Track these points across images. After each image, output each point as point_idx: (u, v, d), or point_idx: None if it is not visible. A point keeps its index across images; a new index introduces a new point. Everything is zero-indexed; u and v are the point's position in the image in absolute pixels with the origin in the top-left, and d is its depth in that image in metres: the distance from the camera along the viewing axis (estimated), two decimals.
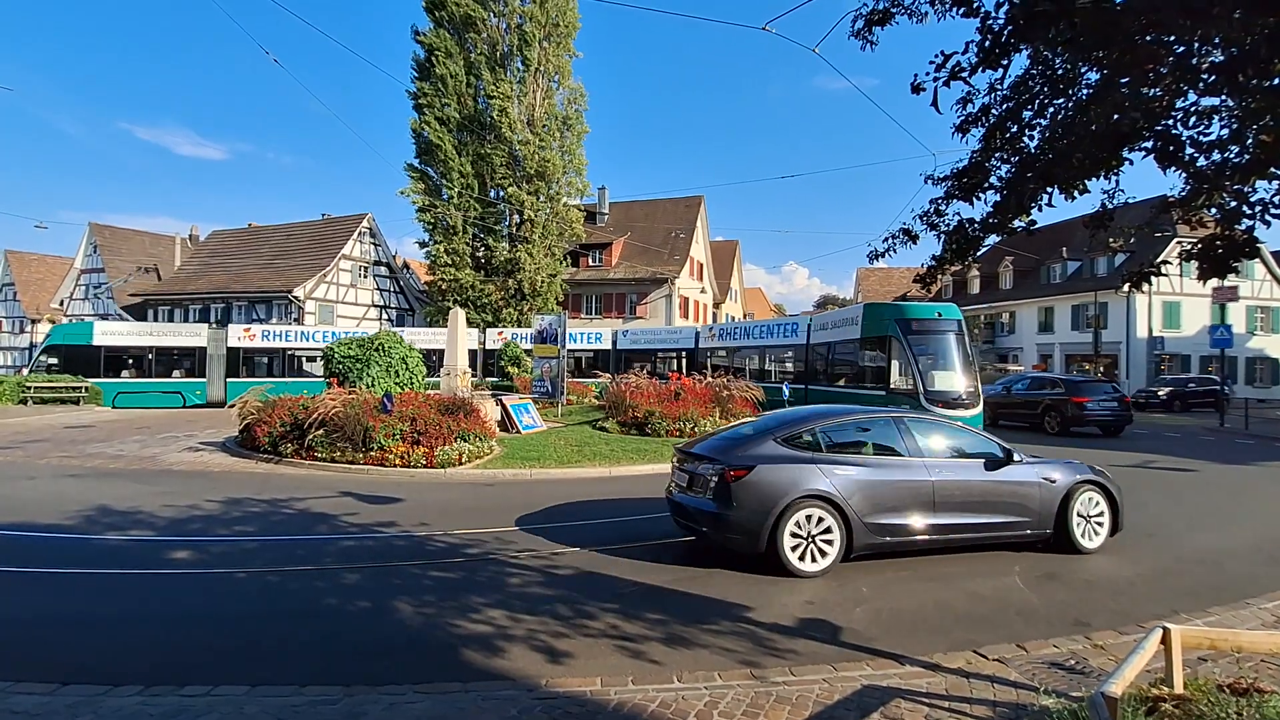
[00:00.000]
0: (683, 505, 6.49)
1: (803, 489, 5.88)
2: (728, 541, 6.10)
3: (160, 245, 47.37)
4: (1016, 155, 4.12)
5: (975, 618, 5.03)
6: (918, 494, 6.19)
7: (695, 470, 6.34)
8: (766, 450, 6.15)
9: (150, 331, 27.11)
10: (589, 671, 4.04)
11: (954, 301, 45.45)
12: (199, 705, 3.57)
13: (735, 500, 5.89)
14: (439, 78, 32.34)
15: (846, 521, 5.91)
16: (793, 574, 5.80)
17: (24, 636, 4.67)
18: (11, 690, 3.72)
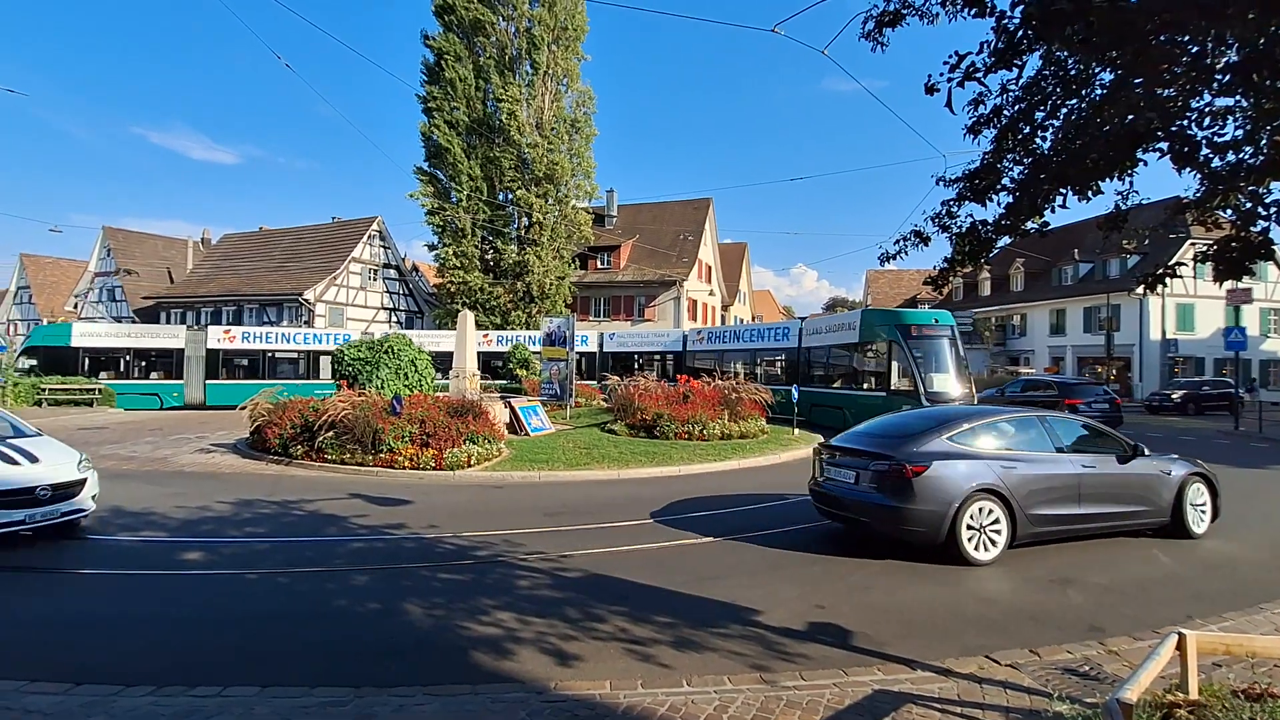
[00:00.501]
0: (839, 497, 6.91)
1: (975, 484, 6.30)
2: (904, 533, 6.42)
3: (173, 248, 47.81)
4: (1029, 156, 4.09)
5: (987, 622, 4.98)
6: (1068, 486, 6.72)
7: (864, 466, 6.68)
8: (938, 447, 6.52)
9: (129, 333, 26.88)
10: (598, 674, 4.04)
11: (965, 303, 45.53)
12: (210, 706, 3.59)
13: (917, 494, 6.24)
14: (448, 81, 32.51)
15: (1012, 513, 6.38)
16: (969, 563, 6.23)
17: (38, 637, 4.71)
18: (26, 690, 3.75)
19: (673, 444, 14.30)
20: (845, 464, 6.93)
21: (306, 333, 28.53)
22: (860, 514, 6.72)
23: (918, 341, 16.29)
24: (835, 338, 19.31)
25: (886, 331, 16.89)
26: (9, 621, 5.01)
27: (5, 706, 3.55)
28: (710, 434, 14.84)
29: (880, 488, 6.45)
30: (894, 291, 65.65)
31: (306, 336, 27.64)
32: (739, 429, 15.30)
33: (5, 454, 7.03)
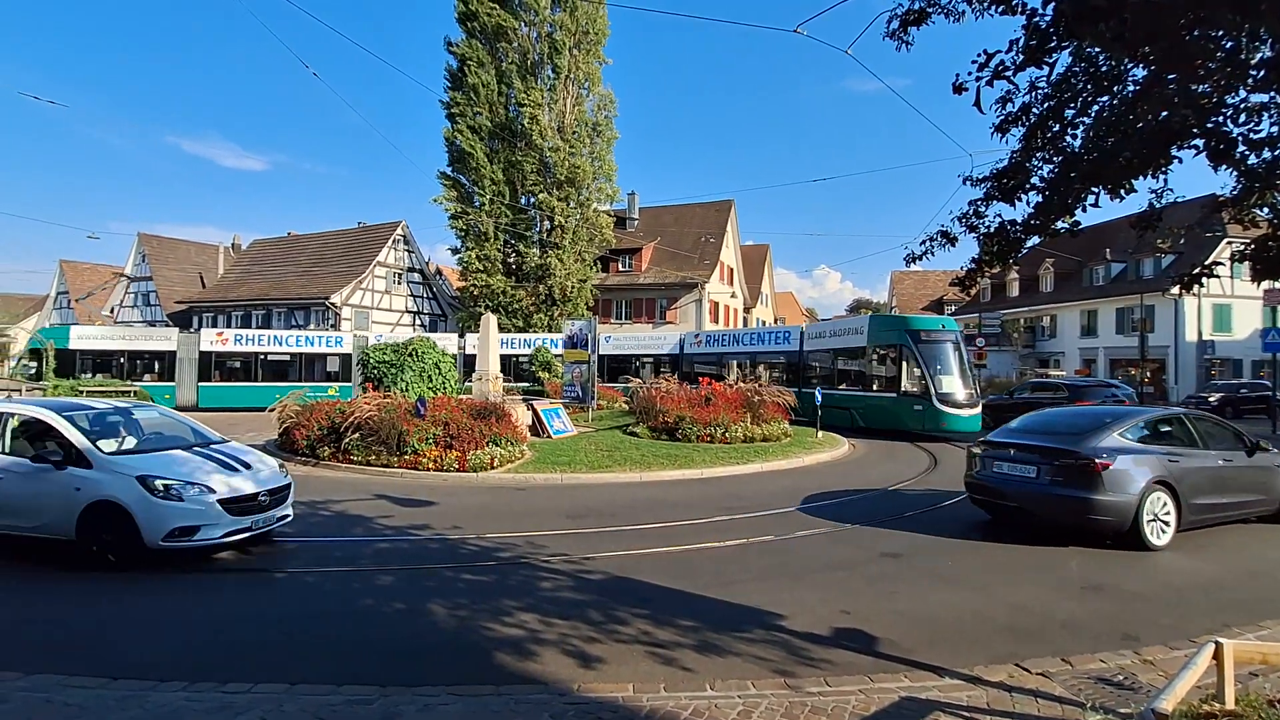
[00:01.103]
0: (1005, 490, 7.48)
1: (1152, 476, 6.91)
2: (1089, 523, 6.89)
3: (205, 254, 48.92)
4: (1059, 155, 4.01)
5: (1018, 630, 4.89)
6: (1214, 477, 7.41)
7: (1046, 460, 7.15)
8: (1115, 444, 7.08)
9: (123, 335, 27.60)
10: (621, 677, 4.03)
11: (993, 304, 44.82)
12: (240, 702, 3.66)
13: (1105, 486, 6.75)
14: (471, 87, 32.86)
15: (1178, 503, 7.00)
16: (1148, 548, 6.79)
17: (77, 634, 4.85)
18: (65, 684, 3.86)
19: (695, 446, 14.26)
20: (1021, 459, 7.45)
21: (299, 335, 28.79)
22: (1037, 505, 7.22)
23: (927, 346, 16.97)
24: (840, 342, 20.13)
25: (896, 336, 17.57)
26: (44, 620, 5.16)
27: (46, 699, 3.65)
28: (733, 436, 14.77)
29: (1067, 481, 6.94)
30: (919, 293, 64.78)
31: (299, 339, 27.95)
32: (762, 431, 15.21)
33: (224, 460, 6.92)
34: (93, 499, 6.18)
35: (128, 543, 6.15)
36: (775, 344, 23.47)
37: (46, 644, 4.59)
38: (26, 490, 6.38)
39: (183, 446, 7.17)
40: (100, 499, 6.17)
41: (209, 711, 3.55)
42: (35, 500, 6.38)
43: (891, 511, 8.79)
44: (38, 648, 4.51)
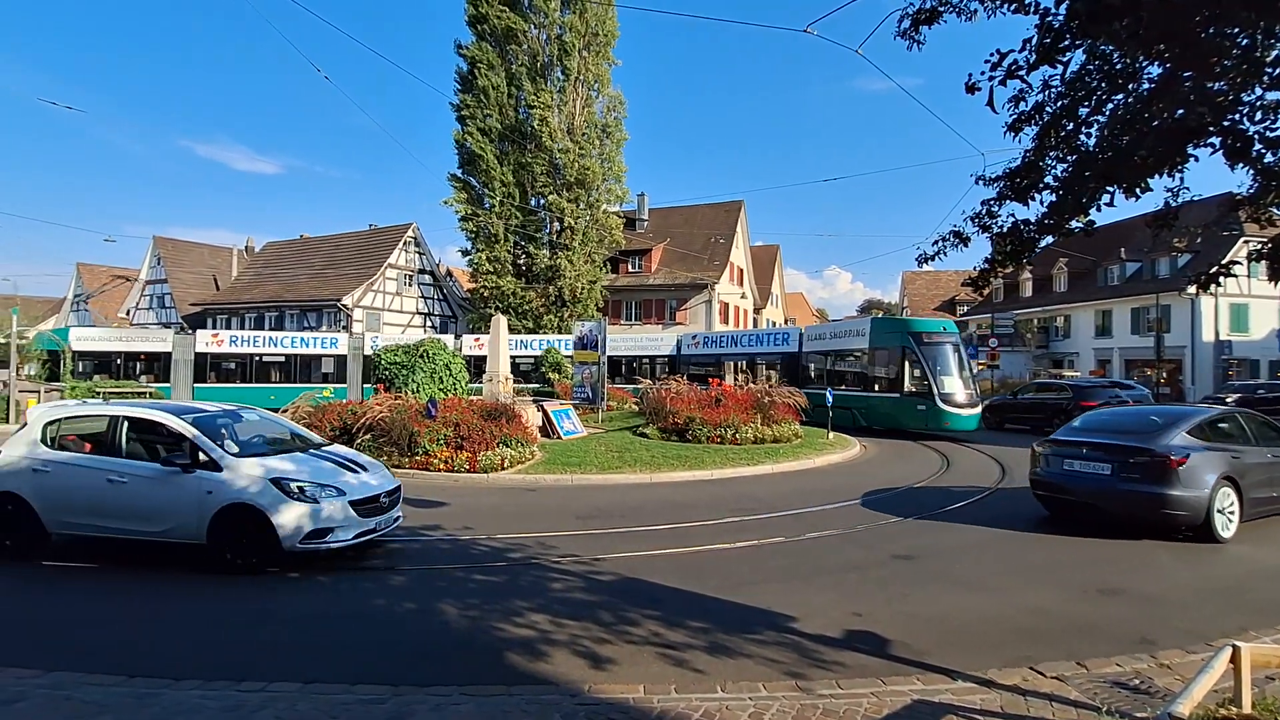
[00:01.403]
0: (1072, 486, 7.81)
1: (1220, 472, 7.23)
2: (1163, 518, 7.17)
3: (219, 257, 49.43)
4: (1073, 153, 3.97)
5: (1032, 633, 4.85)
6: (1269, 472, 7.81)
7: (1119, 458, 7.47)
8: (1184, 441, 7.39)
9: (120, 337, 27.90)
10: (632, 678, 4.04)
11: (1006, 305, 44.48)
12: (254, 700, 3.69)
13: (1181, 482, 7.07)
14: (481, 89, 32.99)
15: (1241, 497, 7.35)
16: (1216, 540, 7.09)
17: (96, 632, 4.92)
18: (84, 681, 3.92)
19: (705, 448, 14.25)
20: (1093, 456, 7.73)
21: (294, 336, 28.95)
22: (1109, 502, 7.53)
23: (929, 348, 17.53)
24: (842, 343, 20.69)
25: (899, 339, 18.12)
26: (60, 619, 5.23)
27: (66, 696, 3.71)
28: (743, 438, 14.74)
29: (1143, 478, 7.25)
30: (931, 293, 64.37)
31: (294, 340, 28.15)
32: (772, 433, 15.16)
33: (342, 462, 6.93)
34: (226, 502, 6.10)
35: (264, 547, 6.10)
36: (774, 345, 24.00)
37: (51, 641, 4.65)
38: (154, 495, 6.26)
39: (297, 449, 7.13)
40: (234, 502, 6.10)
41: (225, 709, 3.59)
42: (164, 505, 6.26)
43: (905, 513, 8.74)
44: (60, 647, 4.57)
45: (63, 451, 6.60)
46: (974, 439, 17.12)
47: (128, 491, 6.28)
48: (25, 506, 6.47)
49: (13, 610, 5.44)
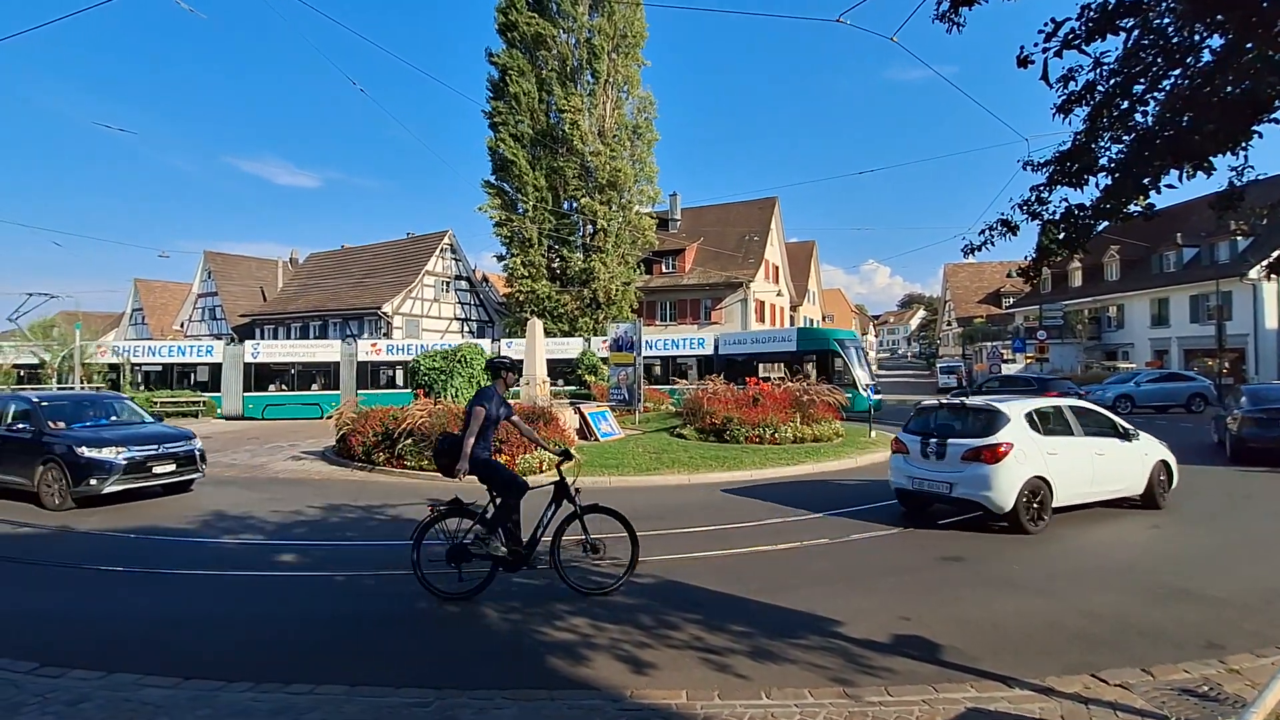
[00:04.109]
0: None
1: None
2: None
3: (265, 269, 51.06)
4: (1129, 133, 3.76)
5: (1092, 638, 4.62)
6: None
7: None
8: None
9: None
10: (674, 684, 3.97)
11: (1054, 295, 43.12)
12: (303, 703, 3.75)
13: None
14: (512, 96, 33.35)
15: None
16: None
17: (151, 633, 5.06)
18: (140, 683, 4.03)
19: (744, 448, 14.09)
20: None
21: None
22: None
23: (849, 350, 23.83)
24: (778, 346, 26.11)
25: (825, 344, 24.54)
26: (126, 617, 5.41)
27: (124, 698, 3.82)
28: (782, 437, 14.53)
29: None
30: (975, 285, 62.69)
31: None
32: (812, 432, 14.92)
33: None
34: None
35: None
36: (693, 349, 27.99)
37: (115, 641, 4.81)
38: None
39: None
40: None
41: (275, 711, 3.65)
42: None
43: (952, 513, 8.47)
44: (111, 644, 4.72)
45: None
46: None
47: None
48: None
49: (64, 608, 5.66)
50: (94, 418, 10.70)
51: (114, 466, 9.41)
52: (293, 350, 29.18)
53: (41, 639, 4.83)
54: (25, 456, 9.73)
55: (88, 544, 7.72)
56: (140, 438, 10.13)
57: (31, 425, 9.92)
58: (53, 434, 9.72)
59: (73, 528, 8.42)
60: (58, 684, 3.99)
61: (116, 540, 7.85)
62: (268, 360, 27.75)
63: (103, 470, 9.32)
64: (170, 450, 10.20)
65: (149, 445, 10.02)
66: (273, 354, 28.28)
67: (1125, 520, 8.21)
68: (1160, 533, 7.66)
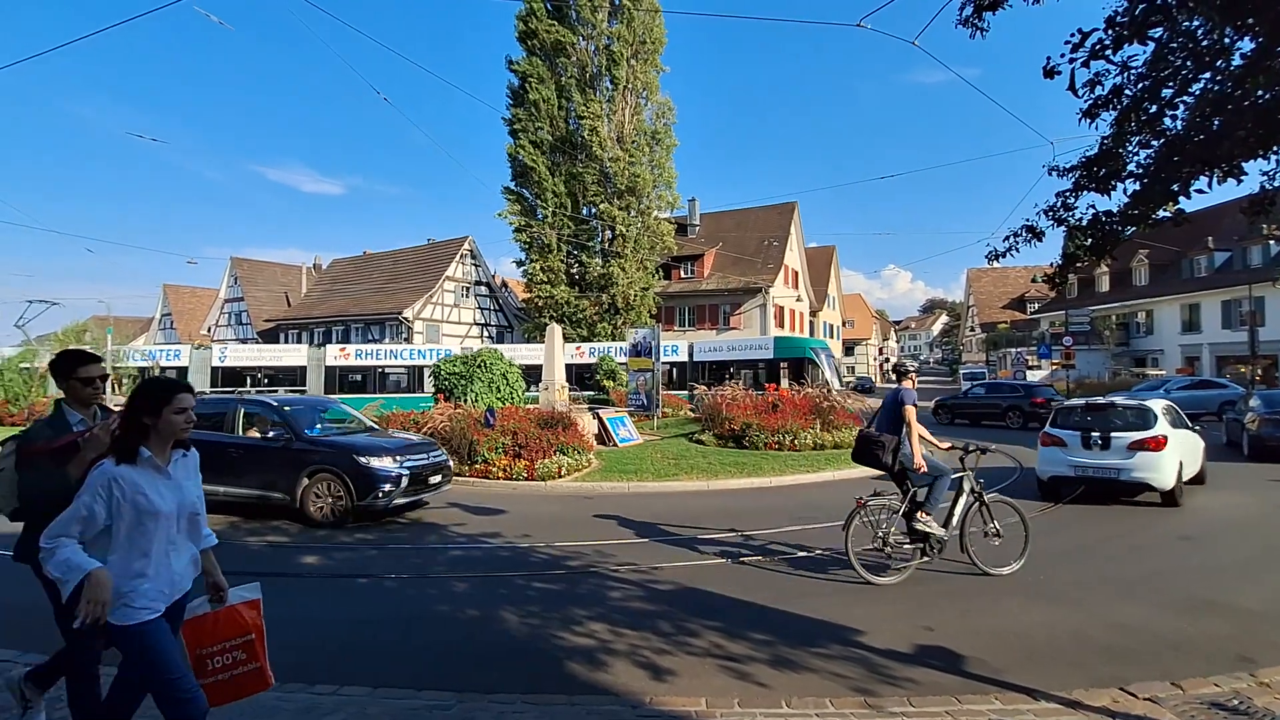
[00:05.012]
0: None
1: None
2: None
3: (289, 274, 51.93)
4: (1158, 138, 3.70)
5: (1120, 650, 4.53)
6: None
7: None
8: None
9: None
10: (693, 691, 3.96)
11: (1080, 301, 42.41)
12: (327, 704, 3.80)
13: None
14: (532, 103, 33.61)
15: None
16: None
17: None
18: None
19: (763, 454, 14.02)
20: None
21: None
22: None
23: (822, 356, 25.16)
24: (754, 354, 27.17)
25: (802, 351, 25.64)
26: None
27: None
28: (802, 444, 14.44)
29: None
30: (999, 290, 61.86)
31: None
32: (832, 439, 14.80)
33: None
34: None
35: None
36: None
37: None
38: None
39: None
40: None
41: (299, 711, 3.70)
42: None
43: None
44: None
45: None
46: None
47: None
48: None
49: None
50: (324, 423, 9.78)
51: (399, 478, 8.48)
52: (260, 354, 29.76)
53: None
54: (283, 467, 8.65)
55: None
56: (407, 446, 9.09)
57: (286, 432, 8.84)
58: (323, 443, 8.82)
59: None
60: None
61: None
62: (235, 364, 28.24)
63: (389, 482, 8.38)
64: (435, 460, 9.29)
65: (418, 454, 9.02)
66: (240, 358, 28.79)
67: (1153, 529, 8.04)
68: (1190, 543, 7.49)
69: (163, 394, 2.63)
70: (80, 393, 3.19)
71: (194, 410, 2.75)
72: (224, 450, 8.76)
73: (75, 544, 2.43)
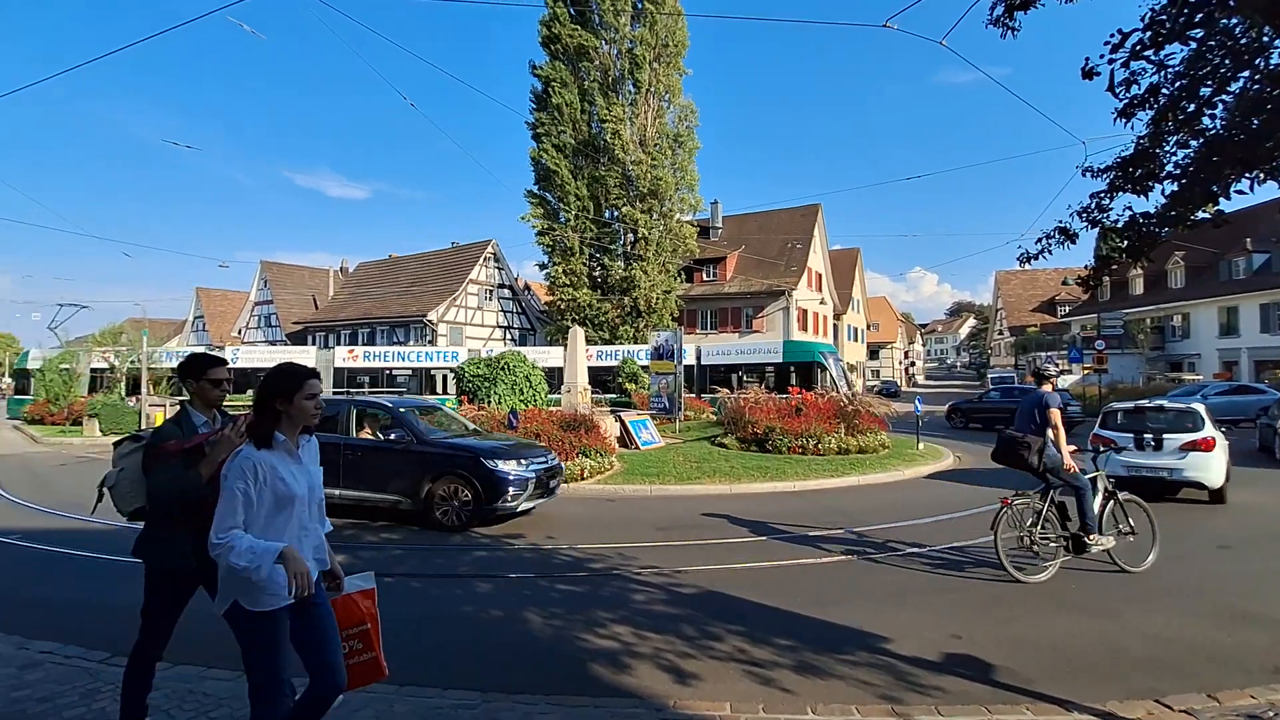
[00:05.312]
0: None
1: None
2: None
3: (317, 278, 52.86)
4: (1196, 138, 3.61)
5: (1155, 662, 4.42)
6: None
7: None
8: None
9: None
10: (717, 695, 3.95)
11: (1113, 303, 41.56)
12: (356, 700, 3.85)
13: None
14: (555, 107, 33.82)
15: None
16: None
17: (215, 628, 5.26)
18: (205, 675, 4.21)
19: (786, 458, 13.92)
20: None
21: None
22: None
23: (832, 361, 25.15)
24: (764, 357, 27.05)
25: (812, 355, 25.23)
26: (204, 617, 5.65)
27: (189, 689, 3.99)
28: (826, 448, 14.31)
29: None
30: (1028, 293, 60.75)
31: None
32: (857, 443, 14.65)
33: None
34: None
35: None
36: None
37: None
38: None
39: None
40: None
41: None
42: None
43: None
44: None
45: None
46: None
47: None
48: None
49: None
50: (436, 425, 9.73)
51: (526, 481, 8.43)
52: (270, 356, 30.41)
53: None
54: (405, 470, 8.57)
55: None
56: (524, 449, 9.11)
57: (407, 434, 8.77)
58: (446, 444, 8.72)
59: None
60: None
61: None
62: (246, 366, 28.87)
63: (519, 486, 8.33)
64: (551, 463, 9.17)
65: (538, 458, 8.93)
66: (252, 359, 29.48)
67: (1191, 538, 7.83)
68: (1228, 552, 7.29)
69: (295, 380, 2.70)
70: (209, 394, 3.28)
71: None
72: (339, 451, 8.68)
73: (246, 533, 2.50)
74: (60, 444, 19.90)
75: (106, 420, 21.48)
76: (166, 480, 3.02)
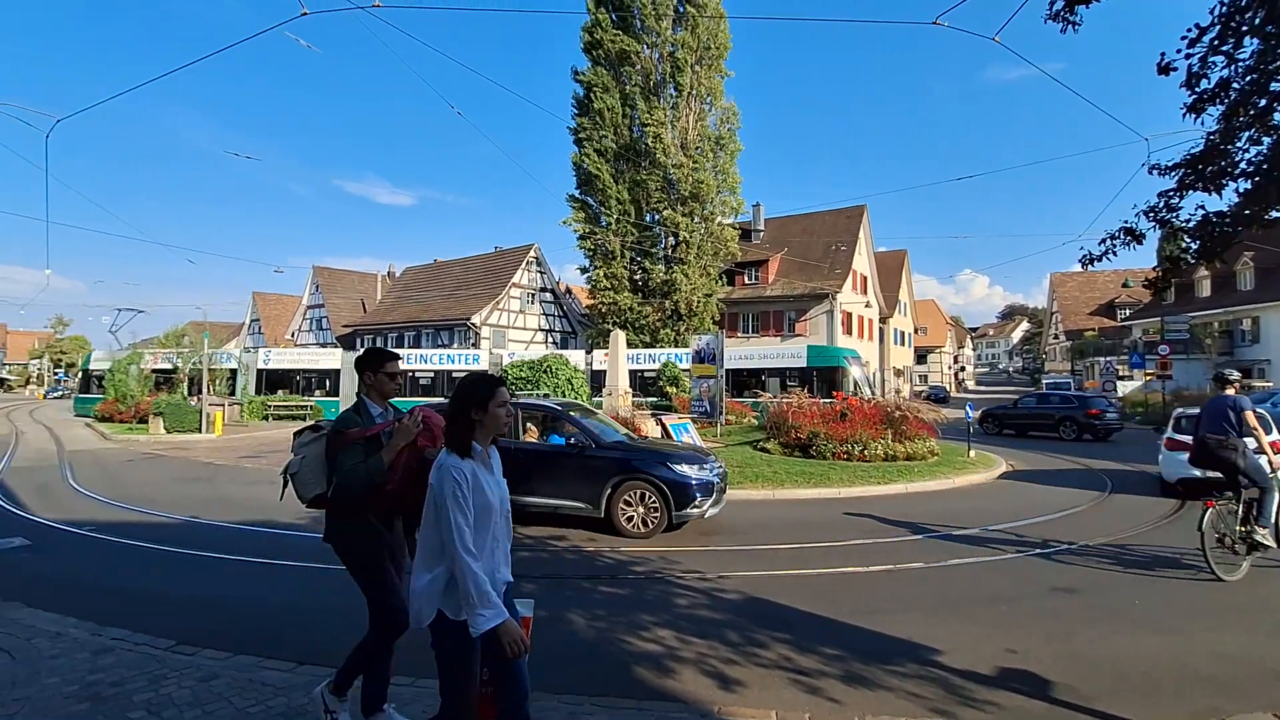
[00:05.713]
0: None
1: None
2: None
3: (366, 282, 54.41)
4: (1269, 134, 3.42)
5: (1222, 681, 4.20)
6: None
7: None
8: None
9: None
10: (762, 703, 3.91)
11: (1177, 307, 39.78)
12: (406, 694, 3.95)
13: None
14: (597, 112, 34.07)
15: None
16: None
17: (272, 620, 5.48)
18: (261, 665, 4.37)
19: (830, 464, 13.70)
20: None
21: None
22: None
23: (854, 365, 25.27)
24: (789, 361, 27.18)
25: (837, 360, 25.52)
26: (263, 610, 5.88)
27: (248, 679, 4.15)
28: (872, 454, 14.02)
29: None
30: (1085, 296, 58.55)
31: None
32: (904, 450, 14.30)
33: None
34: None
35: None
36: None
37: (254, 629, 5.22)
38: None
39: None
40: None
41: None
42: None
43: (1064, 539, 7.92)
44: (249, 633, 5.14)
45: None
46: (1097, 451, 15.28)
47: None
48: None
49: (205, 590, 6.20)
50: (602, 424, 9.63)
51: (712, 486, 8.29)
52: (299, 358, 31.54)
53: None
54: (583, 475, 8.34)
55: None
56: (696, 453, 9.06)
57: (583, 438, 8.57)
58: (626, 449, 8.59)
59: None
60: (192, 660, 4.39)
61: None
62: (278, 366, 29.84)
63: (704, 491, 8.16)
64: (721, 469, 8.98)
65: (711, 463, 8.73)
66: (282, 361, 30.68)
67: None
68: None
69: (488, 389, 2.71)
70: (385, 387, 3.48)
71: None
72: (509, 456, 8.72)
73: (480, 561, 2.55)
74: (128, 440, 20.95)
75: (170, 419, 22.53)
76: (353, 465, 3.21)
